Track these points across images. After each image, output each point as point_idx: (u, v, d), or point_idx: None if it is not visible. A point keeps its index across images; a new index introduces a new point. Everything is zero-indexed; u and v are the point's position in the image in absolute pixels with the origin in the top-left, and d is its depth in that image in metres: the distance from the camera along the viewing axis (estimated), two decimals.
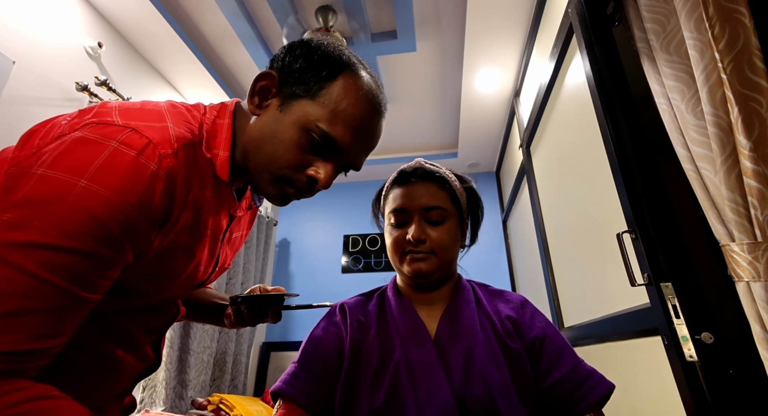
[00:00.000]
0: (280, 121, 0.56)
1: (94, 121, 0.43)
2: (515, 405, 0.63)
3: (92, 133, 0.42)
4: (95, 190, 0.40)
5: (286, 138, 0.55)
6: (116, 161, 0.41)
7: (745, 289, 0.67)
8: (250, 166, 0.58)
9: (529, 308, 0.76)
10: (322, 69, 0.57)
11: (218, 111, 0.58)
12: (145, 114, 0.48)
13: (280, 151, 0.56)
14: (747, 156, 0.65)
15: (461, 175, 0.85)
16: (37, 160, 0.41)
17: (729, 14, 0.67)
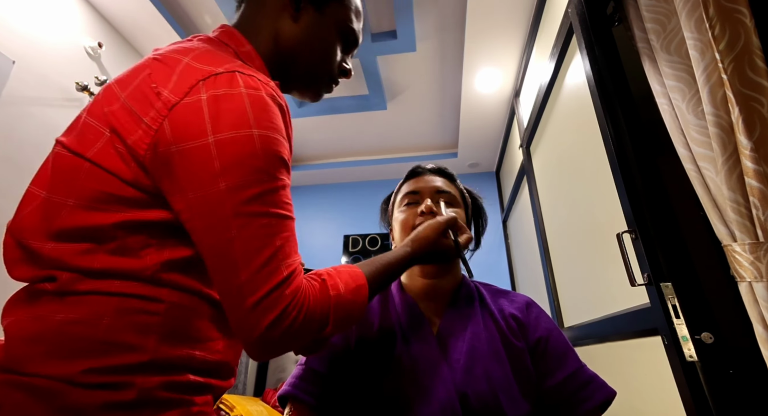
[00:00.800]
0: (322, 23, 0.60)
1: (199, 78, 0.45)
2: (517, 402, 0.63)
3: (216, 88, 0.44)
4: (266, 134, 0.45)
5: (331, 41, 0.62)
6: (259, 104, 0.45)
7: (747, 289, 0.67)
8: (298, 71, 0.62)
9: (535, 309, 0.76)
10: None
11: (231, 39, 0.57)
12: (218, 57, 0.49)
13: (330, 54, 0.62)
14: (748, 156, 0.65)
15: (469, 188, 0.89)
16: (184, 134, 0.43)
17: (729, 14, 0.67)
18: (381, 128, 3.04)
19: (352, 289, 0.51)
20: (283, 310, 0.42)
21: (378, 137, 3.16)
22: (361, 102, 2.70)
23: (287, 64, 0.60)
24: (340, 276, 0.51)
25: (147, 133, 0.43)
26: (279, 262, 0.43)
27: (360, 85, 2.60)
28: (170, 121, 0.43)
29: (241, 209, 0.43)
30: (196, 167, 0.43)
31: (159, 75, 0.46)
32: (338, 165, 3.40)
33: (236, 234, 0.42)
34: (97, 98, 0.49)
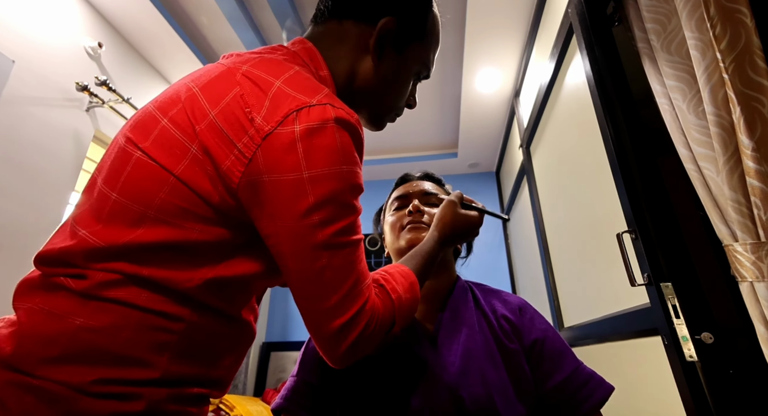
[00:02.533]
0: (401, 67, 0.61)
1: (294, 109, 0.45)
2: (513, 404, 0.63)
3: (308, 122, 0.45)
4: (352, 170, 0.47)
5: (406, 81, 0.63)
6: (345, 139, 0.47)
7: (748, 289, 0.67)
8: (366, 107, 0.63)
9: (529, 311, 0.76)
10: (424, 5, 0.61)
11: (311, 60, 0.57)
12: (307, 83, 0.49)
13: (402, 94, 0.64)
14: (749, 156, 0.64)
15: None
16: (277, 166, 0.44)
17: (730, 14, 0.67)
18: None
19: (407, 288, 0.55)
20: (365, 327, 0.47)
21: (378, 137, 3.15)
22: None
23: (359, 99, 0.61)
24: (395, 278, 0.55)
25: (240, 160, 0.44)
26: (361, 285, 0.48)
27: None
28: (263, 151, 0.43)
29: (332, 241, 0.46)
30: (289, 200, 0.44)
31: (252, 98, 0.46)
32: None
33: (327, 263, 0.46)
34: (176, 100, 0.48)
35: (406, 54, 0.60)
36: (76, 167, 1.70)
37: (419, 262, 0.63)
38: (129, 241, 0.43)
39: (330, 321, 0.46)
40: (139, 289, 0.43)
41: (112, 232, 0.44)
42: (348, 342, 0.47)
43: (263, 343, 3.07)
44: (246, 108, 0.45)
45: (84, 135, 1.75)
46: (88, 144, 1.78)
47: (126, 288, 0.42)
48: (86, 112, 1.77)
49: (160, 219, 0.44)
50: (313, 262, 0.45)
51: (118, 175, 0.46)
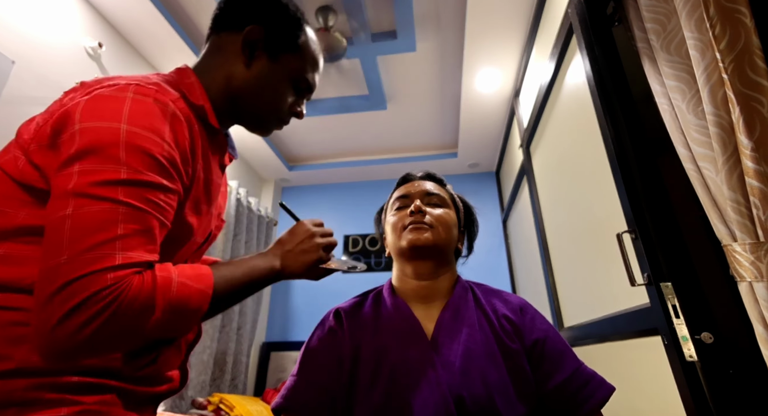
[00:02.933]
0: (274, 72, 0.66)
1: (97, 88, 0.49)
2: (514, 404, 0.63)
3: (106, 91, 0.48)
4: (136, 130, 0.46)
5: (281, 88, 0.68)
6: (140, 106, 0.48)
7: (747, 290, 0.67)
8: (246, 110, 0.68)
9: (530, 311, 0.76)
10: (294, 23, 0.67)
11: (178, 73, 0.63)
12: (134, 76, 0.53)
13: (277, 99, 0.68)
14: (749, 156, 0.64)
15: (460, 195, 0.90)
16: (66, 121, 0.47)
17: (730, 14, 0.67)
18: (381, 128, 3.04)
19: (190, 275, 0.48)
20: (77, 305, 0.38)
21: (378, 137, 3.15)
22: (361, 102, 2.70)
23: (236, 103, 0.66)
24: (180, 266, 0.49)
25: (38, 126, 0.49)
26: (113, 250, 0.41)
27: (360, 85, 2.60)
28: (59, 115, 0.48)
29: (85, 190, 0.42)
30: (63, 152, 0.46)
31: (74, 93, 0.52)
32: (338, 165, 3.40)
33: (71, 213, 0.41)
34: None
35: (280, 61, 0.66)
36: None
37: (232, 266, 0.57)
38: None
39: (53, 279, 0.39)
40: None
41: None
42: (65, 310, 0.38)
43: (263, 343, 3.07)
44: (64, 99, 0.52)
45: None
46: None
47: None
48: None
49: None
50: (58, 211, 0.42)
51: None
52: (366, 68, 2.37)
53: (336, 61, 2.17)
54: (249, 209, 2.84)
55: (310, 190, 3.62)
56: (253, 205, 2.89)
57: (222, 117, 0.67)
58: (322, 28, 2.01)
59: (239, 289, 0.56)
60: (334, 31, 2.03)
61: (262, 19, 0.65)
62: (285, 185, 3.66)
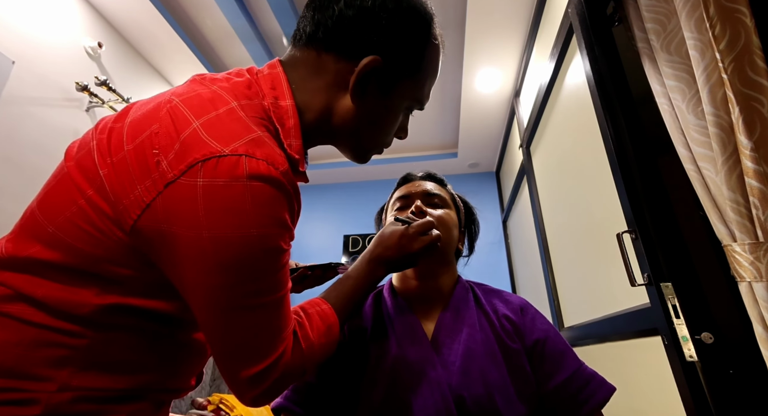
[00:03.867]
0: (388, 106, 0.56)
1: (199, 159, 0.41)
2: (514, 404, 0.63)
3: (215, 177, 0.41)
4: (266, 232, 0.43)
5: (393, 120, 0.58)
6: (260, 199, 0.42)
7: (747, 290, 0.67)
8: (346, 144, 0.59)
9: (530, 311, 0.76)
10: (421, 39, 0.55)
11: (273, 88, 0.53)
12: (231, 126, 0.44)
13: (386, 134, 0.59)
14: (748, 156, 0.64)
15: (461, 195, 0.90)
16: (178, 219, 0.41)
17: (730, 14, 0.67)
18: None
19: (323, 333, 0.54)
20: (274, 383, 0.47)
21: None
22: None
23: (338, 135, 0.57)
24: (311, 321, 0.54)
25: (138, 204, 0.42)
26: (275, 343, 0.47)
27: None
28: (164, 199, 0.41)
29: (240, 302, 0.44)
30: (191, 256, 0.42)
31: (164, 138, 0.43)
32: (338, 165, 3.40)
33: (234, 322, 0.44)
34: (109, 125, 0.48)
35: (394, 93, 0.55)
36: None
37: (344, 290, 0.61)
38: (28, 255, 0.43)
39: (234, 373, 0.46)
40: (33, 309, 0.42)
41: (19, 245, 0.44)
42: (257, 393, 0.47)
43: None
44: (155, 148, 0.42)
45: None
46: None
47: (19, 305, 0.42)
48: (86, 112, 1.77)
49: (60, 239, 0.43)
50: (218, 320, 0.44)
51: (46, 186, 0.47)
52: None
53: None
54: None
55: (311, 190, 3.62)
56: None
57: (311, 144, 0.58)
58: None
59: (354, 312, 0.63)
60: None
61: (381, 46, 0.52)
62: None
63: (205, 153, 0.41)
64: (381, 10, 0.51)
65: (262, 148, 0.44)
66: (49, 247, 0.43)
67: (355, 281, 0.63)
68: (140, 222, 0.42)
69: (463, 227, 0.85)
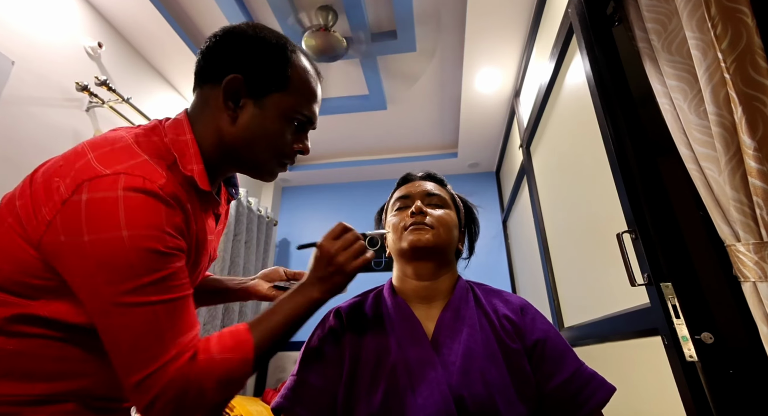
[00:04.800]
0: (263, 116, 0.63)
1: (86, 179, 0.50)
2: (514, 404, 0.63)
3: (95, 191, 0.49)
4: (137, 233, 0.49)
5: (276, 131, 0.64)
6: (132, 204, 0.50)
7: (751, 290, 0.67)
8: (243, 161, 0.66)
9: (530, 311, 0.76)
10: (277, 59, 0.64)
11: (175, 128, 0.62)
12: (119, 155, 0.54)
13: (274, 144, 0.65)
14: (751, 155, 0.64)
15: (461, 195, 0.90)
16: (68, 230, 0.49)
17: (731, 14, 0.67)
18: (381, 128, 3.04)
19: (229, 347, 0.55)
20: (157, 395, 0.48)
21: (378, 137, 3.15)
22: (361, 102, 2.70)
23: (231, 156, 0.65)
24: (221, 336, 0.56)
25: (42, 222, 0.50)
26: (159, 347, 0.49)
27: (360, 85, 2.60)
28: (61, 215, 0.49)
29: (119, 300, 0.49)
30: (77, 262, 0.49)
31: (64, 168, 0.52)
32: (338, 165, 3.40)
33: (118, 321, 0.49)
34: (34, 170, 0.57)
35: (267, 105, 0.63)
36: None
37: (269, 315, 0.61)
38: None
39: (125, 377, 0.49)
40: None
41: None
42: (146, 402, 0.49)
43: None
44: (56, 177, 0.51)
45: (84, 135, 1.75)
46: None
47: None
48: (86, 112, 1.77)
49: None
50: (105, 319, 0.50)
51: None
52: (366, 68, 2.37)
53: (336, 61, 2.17)
54: (249, 209, 2.84)
55: (310, 190, 3.62)
56: (253, 205, 2.88)
57: (220, 169, 0.66)
58: (322, 28, 2.01)
59: (283, 334, 0.61)
60: (334, 32, 2.03)
61: (239, 66, 0.62)
62: (285, 185, 3.66)
63: (90, 175, 0.50)
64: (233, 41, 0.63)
65: (142, 168, 0.53)
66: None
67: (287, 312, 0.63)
68: (45, 238, 0.49)
69: (463, 227, 0.85)
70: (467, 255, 0.88)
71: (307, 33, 2.02)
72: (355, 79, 2.54)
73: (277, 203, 3.57)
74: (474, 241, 0.88)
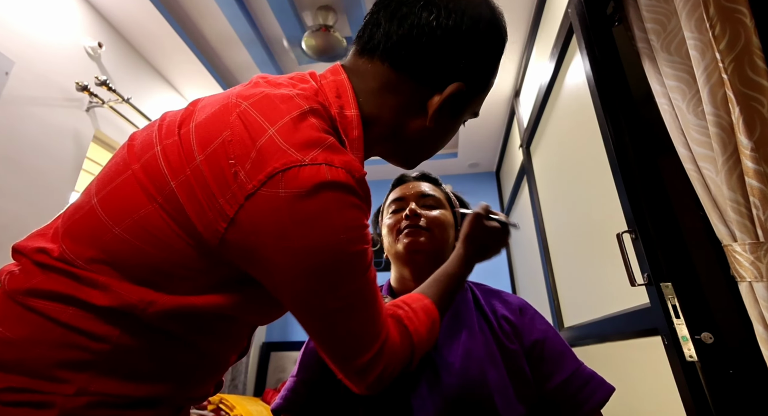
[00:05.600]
0: (454, 124, 0.57)
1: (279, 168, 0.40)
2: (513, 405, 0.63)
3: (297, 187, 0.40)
4: (352, 235, 0.43)
5: (454, 133, 0.59)
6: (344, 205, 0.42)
7: (747, 290, 0.67)
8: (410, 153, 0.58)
9: (529, 312, 0.76)
10: (497, 59, 0.55)
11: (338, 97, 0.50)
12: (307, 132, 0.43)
13: (447, 141, 0.59)
14: (748, 156, 0.64)
15: (456, 193, 0.90)
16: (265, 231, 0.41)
17: (729, 14, 0.67)
18: None
19: (429, 328, 0.56)
20: (383, 369, 0.49)
21: None
22: None
23: (400, 150, 0.57)
24: (418, 316, 0.56)
25: (222, 217, 0.40)
26: (376, 332, 0.48)
27: None
28: (246, 212, 0.40)
29: (338, 304, 0.45)
30: (284, 264, 0.42)
31: (238, 147, 0.41)
32: None
33: (336, 320, 0.46)
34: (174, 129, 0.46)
35: (464, 112, 0.56)
36: (76, 167, 1.70)
37: (443, 288, 0.63)
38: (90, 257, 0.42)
39: (348, 366, 0.48)
40: (64, 306, 0.41)
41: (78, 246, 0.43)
42: (370, 381, 0.49)
43: (263, 343, 3.07)
44: (230, 158, 0.41)
45: (84, 135, 1.75)
46: (88, 144, 1.78)
47: (51, 303, 0.41)
48: (86, 112, 1.77)
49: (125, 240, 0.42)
50: (317, 324, 0.46)
51: (106, 183, 0.46)
52: None
53: (336, 61, 2.17)
54: None
55: None
56: None
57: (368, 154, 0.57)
58: (323, 28, 2.01)
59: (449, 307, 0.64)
60: (334, 32, 2.03)
61: (467, 72, 0.51)
62: None
63: (285, 162, 0.40)
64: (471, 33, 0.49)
65: (339, 156, 0.43)
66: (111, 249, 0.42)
67: (451, 279, 0.65)
68: (228, 235, 0.41)
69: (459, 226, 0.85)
70: None
71: (307, 33, 2.02)
72: None
73: None
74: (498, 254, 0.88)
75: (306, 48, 2.04)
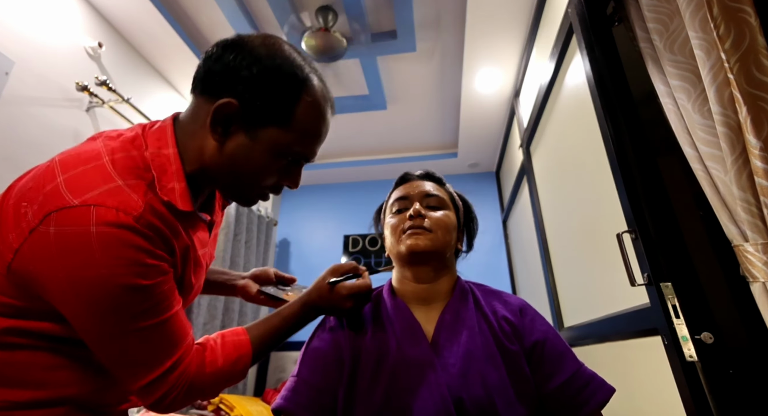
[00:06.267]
0: (251, 149, 0.58)
1: (53, 209, 0.47)
2: (513, 406, 0.63)
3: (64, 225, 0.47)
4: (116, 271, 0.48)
5: (261, 164, 0.59)
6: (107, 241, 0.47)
7: (761, 290, 0.66)
8: (221, 185, 0.63)
9: (530, 313, 0.76)
10: (285, 94, 0.58)
11: (158, 140, 0.58)
12: (91, 179, 0.50)
13: (258, 175, 0.61)
14: (757, 155, 0.64)
15: (459, 192, 0.90)
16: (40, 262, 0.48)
17: (734, 13, 0.67)
18: (381, 128, 3.04)
19: (232, 361, 0.60)
20: (164, 394, 0.54)
21: (378, 137, 3.15)
22: (361, 102, 2.70)
23: (210, 176, 0.61)
24: (225, 347, 0.60)
25: (10, 248, 0.48)
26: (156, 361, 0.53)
27: (360, 85, 2.60)
28: (28, 244, 0.47)
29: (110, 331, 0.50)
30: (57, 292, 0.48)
31: (33, 192, 0.49)
32: (338, 165, 3.40)
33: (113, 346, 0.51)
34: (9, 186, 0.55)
35: (260, 137, 0.57)
36: None
37: (269, 327, 0.67)
38: None
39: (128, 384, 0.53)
40: None
41: None
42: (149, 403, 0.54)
43: None
44: (25, 202, 0.49)
45: (84, 135, 1.75)
46: None
47: None
48: (86, 112, 1.77)
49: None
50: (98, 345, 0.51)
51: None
52: (366, 68, 2.37)
53: (336, 61, 2.17)
54: (249, 209, 2.84)
55: (310, 190, 3.62)
56: None
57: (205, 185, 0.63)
58: (322, 28, 2.01)
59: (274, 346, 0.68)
60: (334, 32, 2.03)
61: (239, 90, 0.56)
62: None
63: (58, 205, 0.47)
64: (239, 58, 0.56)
65: (115, 197, 0.49)
66: None
67: (284, 320, 0.68)
68: (14, 264, 0.48)
69: (462, 226, 0.85)
70: (466, 251, 0.87)
71: (307, 33, 2.02)
72: (355, 79, 2.54)
73: (277, 203, 3.57)
74: (473, 238, 0.88)
75: (306, 48, 2.04)
